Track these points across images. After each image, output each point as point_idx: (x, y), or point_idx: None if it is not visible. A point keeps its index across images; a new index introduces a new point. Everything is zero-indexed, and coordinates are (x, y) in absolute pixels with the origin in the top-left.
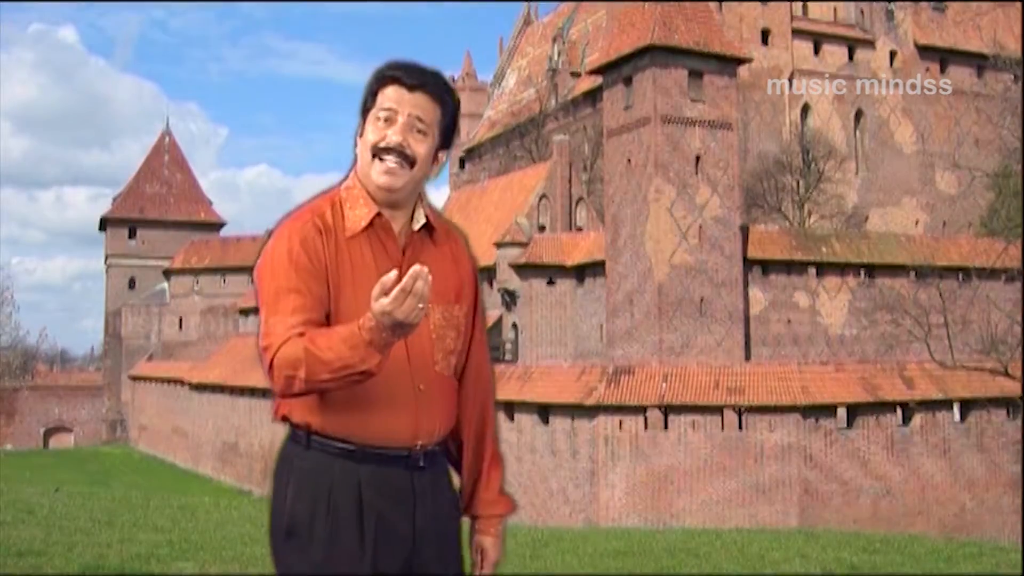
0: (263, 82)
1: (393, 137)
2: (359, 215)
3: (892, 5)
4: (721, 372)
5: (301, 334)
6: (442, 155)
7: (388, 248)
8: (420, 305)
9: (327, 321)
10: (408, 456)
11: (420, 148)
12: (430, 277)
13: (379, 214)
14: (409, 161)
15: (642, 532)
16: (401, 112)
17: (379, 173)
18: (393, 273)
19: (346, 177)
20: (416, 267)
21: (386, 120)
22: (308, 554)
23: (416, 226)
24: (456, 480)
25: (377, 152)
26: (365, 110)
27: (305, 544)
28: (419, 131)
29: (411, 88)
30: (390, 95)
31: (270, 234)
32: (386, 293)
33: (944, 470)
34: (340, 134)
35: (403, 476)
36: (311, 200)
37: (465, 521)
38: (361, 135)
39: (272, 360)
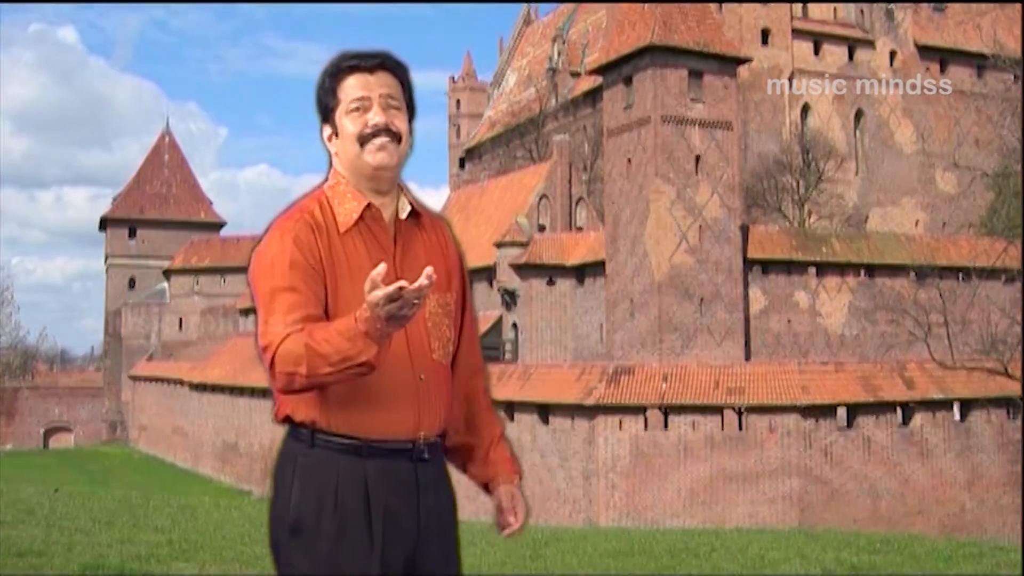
0: (263, 82)
1: (376, 119)
2: (349, 208)
3: (892, 5)
4: (721, 372)
5: (300, 329)
6: (412, 127)
7: (380, 239)
8: (415, 300)
9: (326, 317)
10: (412, 448)
11: (401, 123)
12: (434, 275)
13: (369, 205)
14: (396, 137)
15: (642, 532)
16: (372, 95)
17: (372, 153)
18: (382, 267)
19: (326, 179)
20: (401, 282)
21: (362, 109)
22: (315, 551)
23: (403, 215)
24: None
25: (364, 138)
26: (329, 110)
27: (311, 541)
28: (394, 108)
29: (372, 70)
30: (354, 84)
31: (261, 237)
32: (377, 287)
33: (944, 470)
34: None
35: (408, 469)
36: (296, 201)
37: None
38: (336, 135)
39: (273, 358)
